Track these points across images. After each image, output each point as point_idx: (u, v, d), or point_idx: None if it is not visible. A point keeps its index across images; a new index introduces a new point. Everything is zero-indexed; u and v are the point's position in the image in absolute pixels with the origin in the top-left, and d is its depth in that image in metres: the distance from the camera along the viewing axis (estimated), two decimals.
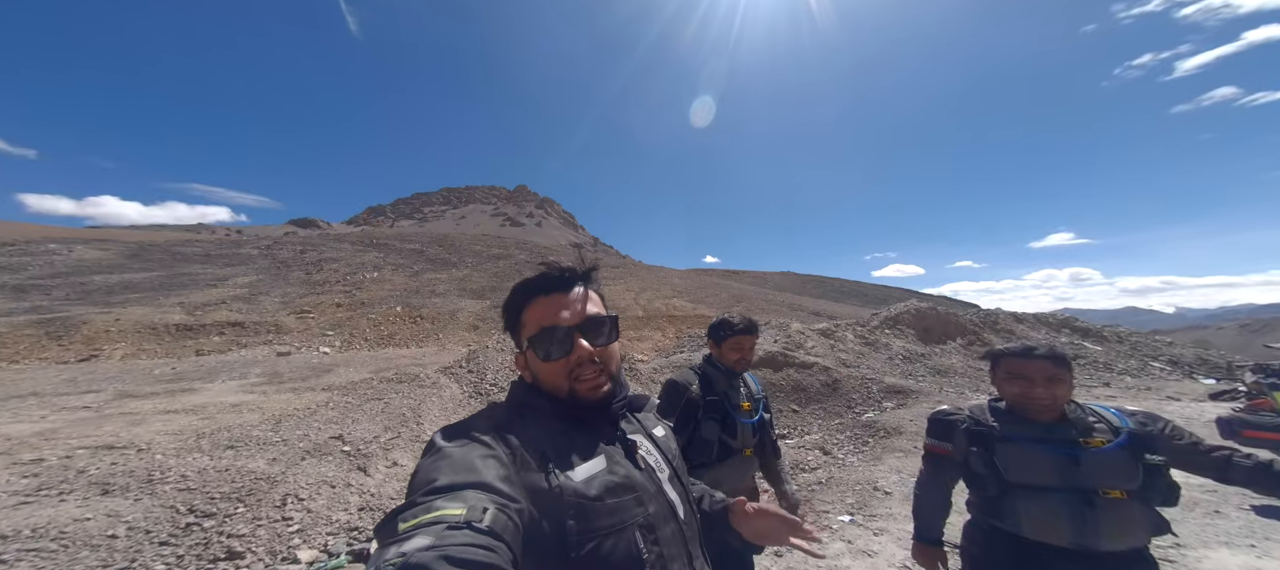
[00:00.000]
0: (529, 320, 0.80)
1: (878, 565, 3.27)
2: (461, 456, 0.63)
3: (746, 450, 1.81)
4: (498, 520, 0.54)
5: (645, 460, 0.79)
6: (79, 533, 2.72)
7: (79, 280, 18.87)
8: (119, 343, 12.95)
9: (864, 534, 3.74)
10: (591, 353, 0.77)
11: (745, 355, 1.86)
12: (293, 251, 25.98)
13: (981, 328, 12.12)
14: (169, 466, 3.82)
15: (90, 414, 5.72)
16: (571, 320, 0.78)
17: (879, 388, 8.20)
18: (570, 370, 0.77)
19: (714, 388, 1.81)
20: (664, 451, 0.86)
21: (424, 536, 0.48)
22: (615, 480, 0.71)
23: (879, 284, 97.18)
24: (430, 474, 0.60)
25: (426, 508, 0.53)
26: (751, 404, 1.86)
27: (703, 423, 1.75)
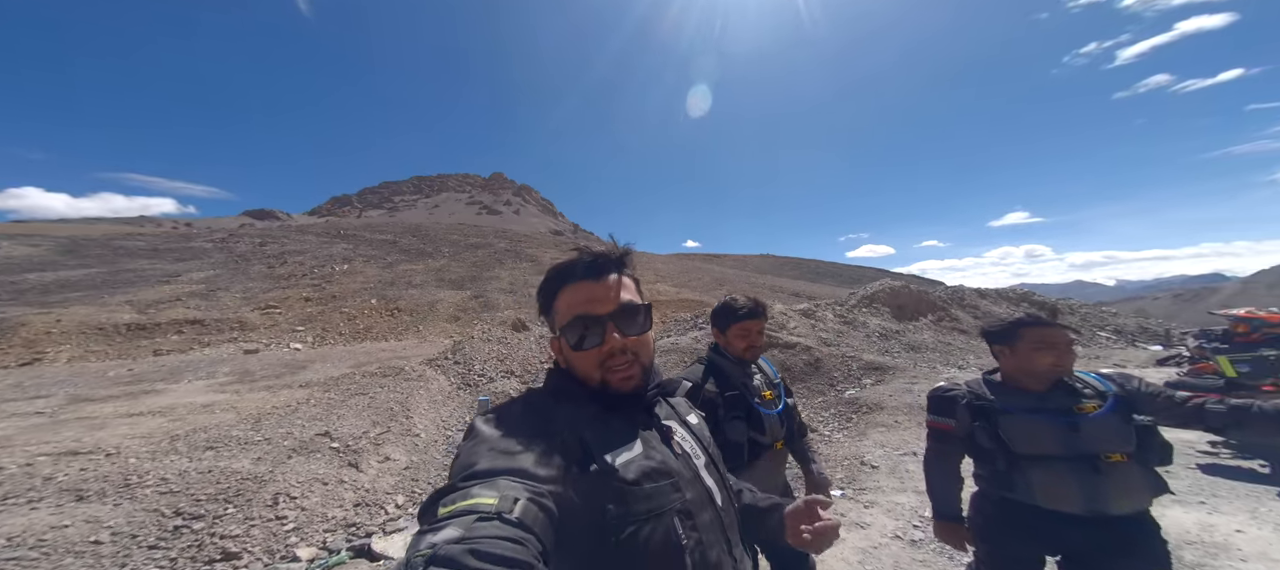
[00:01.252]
0: (562, 307, 0.79)
1: (871, 536, 3.42)
2: (500, 439, 0.63)
3: (778, 443, 1.64)
4: (528, 511, 0.54)
5: (681, 446, 0.79)
6: (59, 540, 2.56)
7: (9, 279, 17.23)
8: (63, 345, 11.98)
9: (855, 507, 3.92)
10: (623, 344, 0.76)
11: (753, 342, 1.67)
12: (251, 244, 24.48)
13: (949, 304, 12.79)
14: (145, 470, 3.62)
15: (44, 419, 5.31)
16: (604, 309, 0.77)
17: (859, 365, 8.57)
18: (602, 360, 0.76)
19: (731, 381, 1.64)
20: (699, 438, 0.86)
21: (455, 527, 0.50)
22: (652, 465, 0.71)
23: (853, 264, 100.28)
24: (470, 457, 0.61)
25: (463, 493, 0.54)
26: (773, 392, 1.69)
27: (727, 423, 1.56)
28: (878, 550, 3.22)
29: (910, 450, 5.26)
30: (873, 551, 3.20)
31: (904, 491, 4.20)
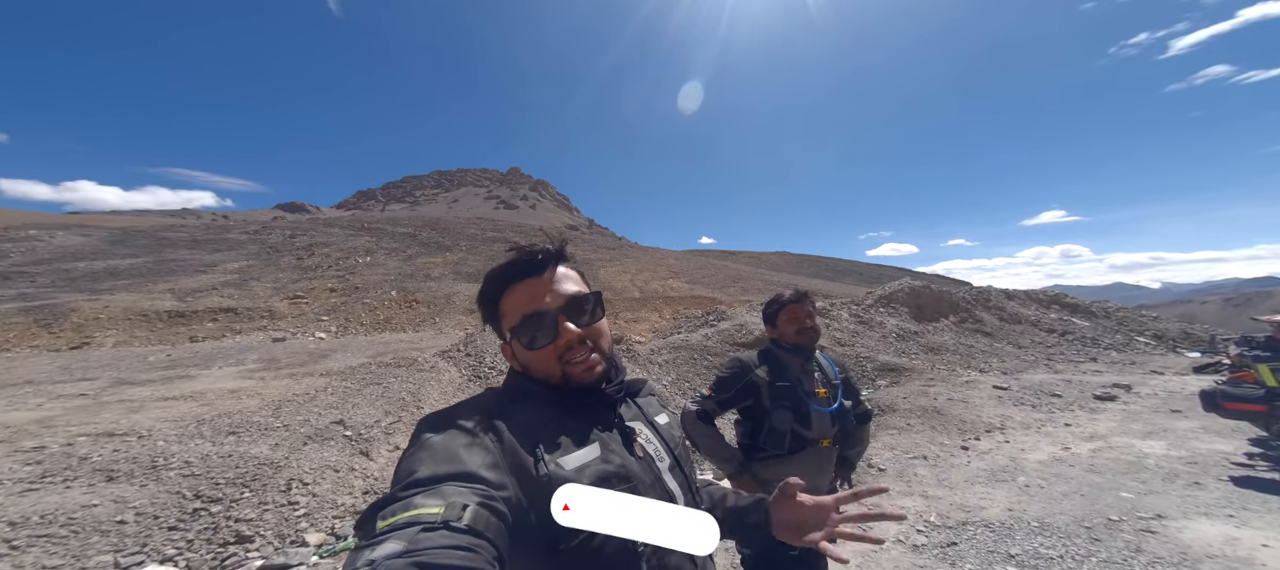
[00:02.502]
0: (508, 310, 0.77)
1: None
2: (444, 446, 0.60)
3: (824, 441, 1.65)
4: (479, 516, 0.52)
5: (644, 449, 0.77)
6: (87, 519, 2.74)
7: (63, 267, 18.50)
8: (110, 330, 12.81)
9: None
10: (579, 334, 0.74)
11: (804, 325, 1.71)
12: (282, 236, 25.56)
13: (974, 305, 12.30)
14: (172, 453, 3.83)
15: (87, 401, 5.70)
16: (552, 303, 0.75)
17: (873, 366, 8.35)
18: (560, 355, 0.74)
19: (785, 372, 1.68)
20: (666, 440, 0.83)
21: (396, 541, 0.47)
22: (609, 469, 0.69)
23: (873, 263, 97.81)
24: (411, 465, 0.58)
25: (404, 505, 0.51)
26: (828, 390, 1.71)
27: (774, 411, 1.63)
28: (879, 553, 3.17)
29: (920, 454, 5.12)
30: (872, 555, 3.15)
31: (911, 495, 4.12)
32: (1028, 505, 3.72)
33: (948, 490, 4.19)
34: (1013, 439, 5.44)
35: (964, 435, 5.77)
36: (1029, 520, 3.46)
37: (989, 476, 4.42)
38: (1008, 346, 10.51)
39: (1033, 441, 5.34)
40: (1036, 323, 11.97)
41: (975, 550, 3.13)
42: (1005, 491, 4.03)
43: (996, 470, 4.54)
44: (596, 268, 25.35)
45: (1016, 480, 4.25)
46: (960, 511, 3.73)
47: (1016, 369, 9.16)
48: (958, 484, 4.30)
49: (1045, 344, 10.78)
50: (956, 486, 4.25)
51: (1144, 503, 3.53)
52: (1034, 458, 4.80)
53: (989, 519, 3.54)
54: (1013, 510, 3.65)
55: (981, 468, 4.64)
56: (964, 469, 4.68)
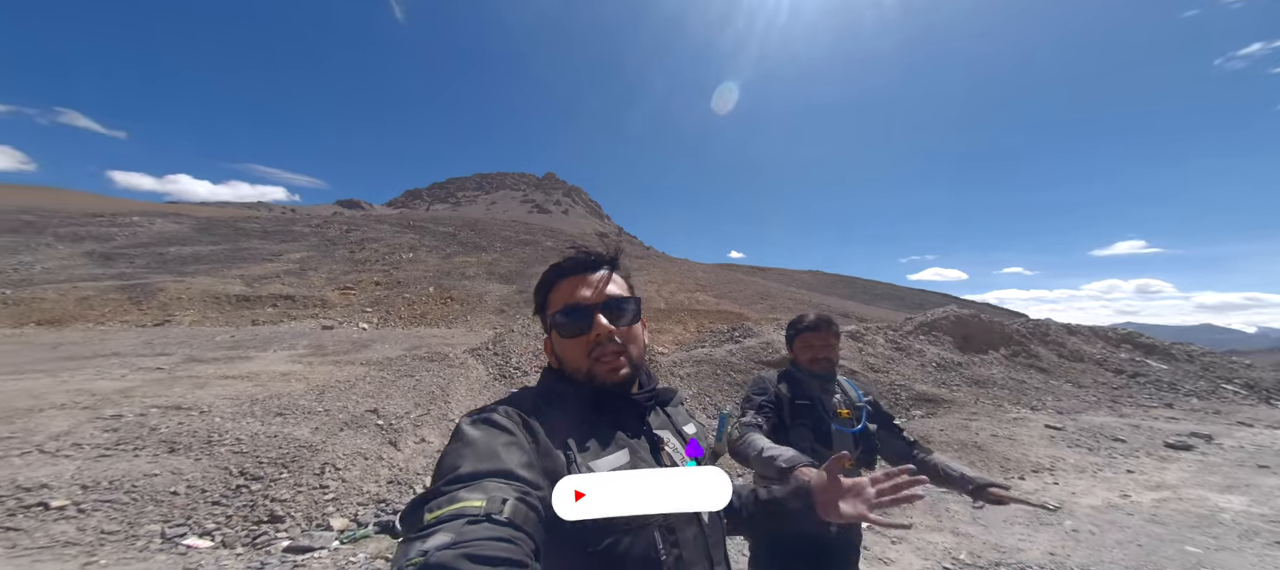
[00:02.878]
0: (554, 300, 0.82)
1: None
2: (485, 443, 0.63)
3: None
4: (517, 511, 0.54)
5: (671, 458, 0.79)
6: (147, 487, 3.06)
7: (158, 250, 20.87)
8: (189, 310, 14.28)
9: (880, 541, 3.69)
10: (610, 331, 0.77)
11: (818, 355, 1.72)
12: (339, 230, 27.60)
13: (1029, 338, 11.33)
14: (226, 429, 4.21)
15: (162, 375, 6.38)
16: (592, 299, 0.79)
17: (908, 395, 7.87)
18: (590, 349, 0.77)
19: (805, 391, 1.69)
20: None
21: (445, 533, 0.49)
22: None
23: (915, 288, 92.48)
24: (454, 461, 0.61)
25: (450, 498, 0.54)
26: (851, 411, 1.70)
27: (794, 429, 1.65)
28: None
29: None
30: None
31: (940, 531, 3.88)
32: (1073, 551, 3.44)
33: (982, 529, 3.90)
34: (1063, 482, 4.99)
35: (1007, 473, 5.35)
36: (1072, 567, 3.23)
37: (1031, 518, 4.09)
38: (1066, 385, 9.61)
39: (1086, 486, 4.87)
40: (1102, 362, 10.87)
41: None
42: (1048, 535, 3.73)
43: (1041, 512, 4.19)
44: (628, 271, 25.49)
45: (1063, 524, 3.92)
46: (994, 552, 3.49)
47: (1074, 409, 8.35)
48: (994, 524, 4.00)
49: (1111, 385, 9.76)
50: (993, 526, 3.95)
51: (1212, 559, 3.19)
52: (1086, 503, 4.39)
53: (1026, 561, 3.32)
54: (1055, 555, 3.39)
55: (1023, 509, 4.29)
56: (1003, 509, 4.34)
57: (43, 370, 6.52)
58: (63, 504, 2.83)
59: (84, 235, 21.43)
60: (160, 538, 2.63)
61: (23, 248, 18.57)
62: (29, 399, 4.99)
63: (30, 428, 4.05)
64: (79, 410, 4.62)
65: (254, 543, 2.73)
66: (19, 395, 5.11)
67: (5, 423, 4.19)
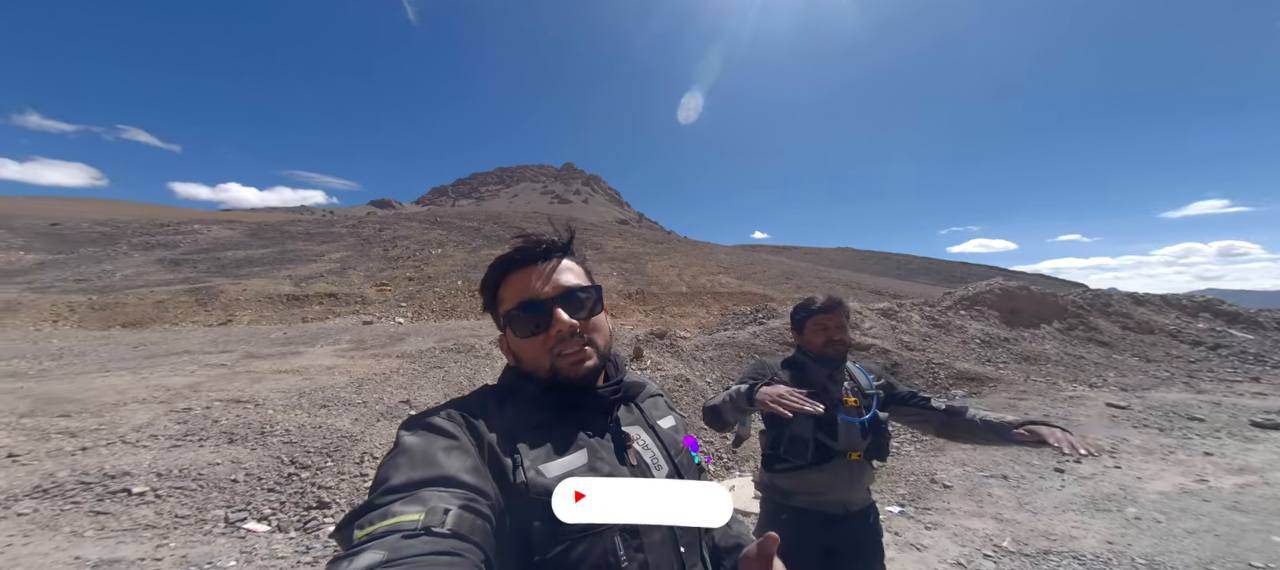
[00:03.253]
0: (506, 296, 0.76)
1: (927, 560, 3.09)
2: (422, 449, 0.59)
3: (852, 454, 1.58)
4: (462, 520, 0.51)
5: (639, 455, 0.74)
6: (211, 475, 3.35)
7: (216, 255, 22.62)
8: (246, 310, 15.47)
9: (913, 526, 3.55)
10: (571, 325, 0.72)
11: (832, 337, 1.65)
12: (373, 230, 28.91)
13: (1088, 310, 10.45)
14: (277, 421, 4.55)
15: (224, 371, 6.96)
16: (548, 292, 0.73)
17: (948, 373, 7.47)
18: (551, 346, 0.72)
19: (808, 378, 1.63)
20: (667, 446, 0.79)
21: (375, 551, 0.45)
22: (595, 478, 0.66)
23: (956, 260, 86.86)
24: (388, 471, 0.57)
25: (382, 513, 0.50)
26: (859, 400, 1.63)
27: (794, 419, 1.48)
28: None
29: (999, 474, 4.54)
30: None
31: (981, 516, 3.69)
32: (1136, 540, 3.18)
33: (1029, 515, 3.68)
34: (1127, 465, 4.61)
35: (1061, 456, 5.00)
36: (1134, 556, 2.98)
37: (1087, 504, 3.81)
38: (1131, 359, 8.82)
39: (1155, 469, 4.48)
40: (1176, 333, 9.89)
41: None
42: (1106, 522, 3.47)
43: (1099, 498, 3.90)
44: (644, 262, 25.49)
45: (1125, 511, 3.63)
46: (1043, 539, 3.27)
47: (1142, 386, 7.67)
48: (1043, 509, 3.76)
49: (1187, 358, 8.88)
50: (1042, 512, 3.72)
51: None
52: (1154, 487, 4.04)
53: (1079, 550, 3.09)
54: (1114, 544, 3.14)
55: (1078, 494, 4.00)
56: (1054, 493, 4.07)
57: (126, 368, 7.24)
58: (143, 490, 3.15)
59: (154, 244, 23.51)
60: (224, 522, 2.88)
61: (104, 257, 20.61)
62: (115, 394, 5.56)
63: (116, 420, 4.52)
64: (156, 404, 5.11)
65: (304, 527, 2.95)
66: (107, 391, 5.71)
67: (96, 416, 4.69)
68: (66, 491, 3.07)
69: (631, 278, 21.81)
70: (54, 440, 3.94)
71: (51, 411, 4.78)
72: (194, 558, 2.31)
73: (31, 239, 21.95)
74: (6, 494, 3.01)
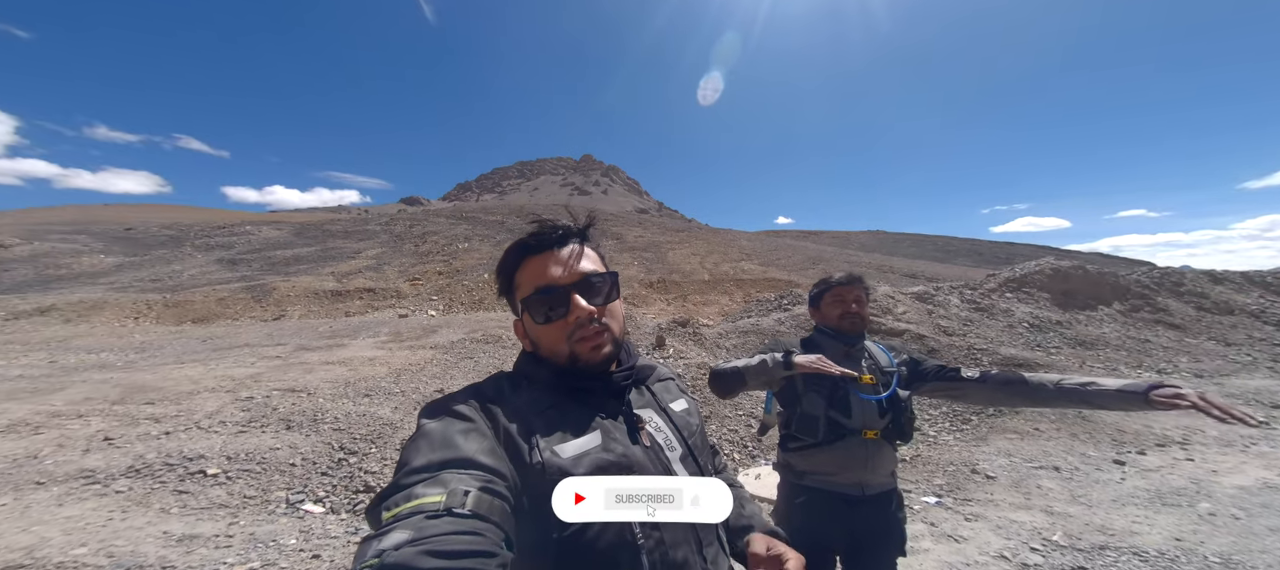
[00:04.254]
0: (522, 282, 0.77)
1: (965, 552, 2.96)
2: (440, 433, 0.61)
3: (867, 432, 1.54)
4: (481, 501, 0.52)
5: (652, 437, 0.75)
6: (273, 459, 3.65)
7: (267, 255, 24.26)
8: (297, 305, 16.57)
9: (952, 518, 3.41)
10: (590, 311, 0.73)
11: (850, 310, 1.63)
12: (405, 226, 30.11)
13: (1155, 290, 9.57)
14: (327, 409, 4.87)
15: (280, 362, 7.50)
16: (566, 279, 0.74)
17: (991, 360, 7.07)
18: (569, 332, 0.73)
19: (823, 355, 1.58)
20: (680, 428, 0.80)
21: (402, 530, 0.47)
22: (608, 459, 0.67)
23: (1001, 240, 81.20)
24: (409, 454, 0.59)
25: (406, 494, 0.52)
26: (876, 377, 1.60)
27: (805, 395, 1.56)
28: (971, 569, 2.76)
29: (1050, 464, 4.29)
30: (964, 568, 2.75)
31: (1029, 509, 3.50)
32: (1208, 538, 2.94)
33: (1084, 508, 3.46)
34: (1201, 458, 4.25)
35: (1121, 447, 4.66)
36: (1205, 554, 2.75)
37: (1152, 498, 3.54)
38: (1208, 343, 8.04)
39: (1233, 462, 4.11)
40: (1260, 314, 8.93)
41: None
42: (1174, 518, 3.22)
43: (1166, 492, 3.61)
44: (665, 250, 25.32)
45: (1197, 507, 3.35)
46: (1099, 534, 3.08)
47: (1219, 372, 7.00)
48: (1100, 503, 3.53)
49: (1271, 341, 8.01)
50: (1098, 505, 3.49)
51: None
52: (1231, 482, 3.71)
53: (1141, 547, 2.88)
54: (1182, 541, 2.91)
55: (1142, 487, 3.73)
56: (1113, 486, 3.81)
57: (197, 360, 7.95)
58: (216, 472, 3.47)
59: (213, 245, 25.46)
60: (285, 503, 3.14)
61: (172, 258, 22.52)
62: (189, 384, 6.12)
63: (190, 408, 4.98)
64: (223, 393, 5.59)
65: (354, 509, 3.17)
66: (183, 381, 6.29)
67: (174, 404, 5.19)
68: (154, 472, 3.43)
69: (653, 266, 21.77)
70: (141, 425, 4.39)
71: (138, 399, 5.33)
72: (260, 535, 2.54)
73: (109, 243, 24.26)
74: (106, 473, 3.39)
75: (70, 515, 2.71)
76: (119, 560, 2.19)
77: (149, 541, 2.40)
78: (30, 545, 2.30)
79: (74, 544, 2.32)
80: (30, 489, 3.08)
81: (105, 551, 2.26)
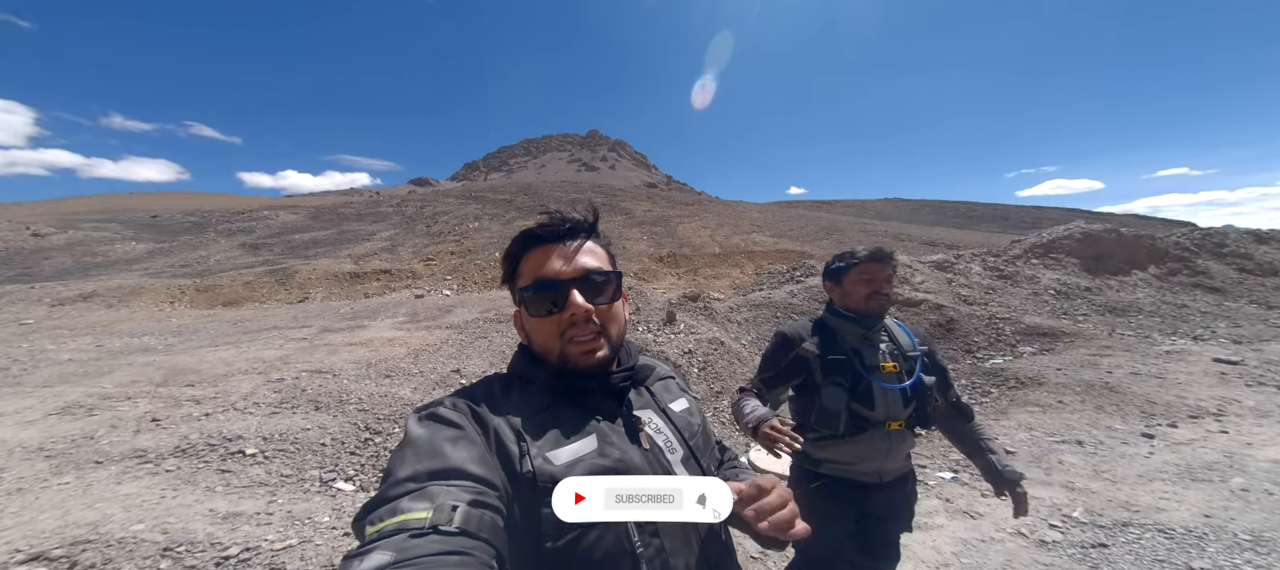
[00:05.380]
0: (525, 271, 0.76)
1: (981, 528, 2.96)
2: (428, 440, 0.59)
3: (891, 423, 1.46)
4: (470, 517, 0.50)
5: (651, 439, 0.73)
6: (305, 439, 3.83)
7: (286, 238, 24.84)
8: (319, 287, 17.05)
9: (968, 493, 3.40)
10: (587, 310, 0.71)
11: (879, 288, 1.49)
12: (416, 207, 30.30)
13: (1195, 252, 9.06)
14: (352, 390, 5.06)
15: (305, 344, 7.79)
16: (567, 273, 0.72)
17: (1014, 329, 6.87)
18: (562, 329, 0.71)
19: (839, 343, 1.49)
20: (680, 429, 0.78)
21: (383, 552, 0.45)
22: (605, 463, 0.65)
23: (1027, 204, 77.49)
24: (395, 464, 0.57)
25: (391, 509, 0.50)
26: (898, 363, 1.49)
27: (825, 388, 1.46)
28: (986, 545, 2.77)
29: (1072, 438, 4.22)
30: (979, 544, 2.76)
31: (1049, 485, 3.47)
32: (1240, 514, 2.86)
33: (1107, 484, 3.41)
34: (1235, 430, 4.11)
35: (1150, 419, 4.54)
36: (1235, 531, 2.68)
37: (1181, 473, 3.46)
38: (1249, 307, 7.65)
39: (1270, 434, 3.97)
40: None
41: (1134, 557, 2.54)
42: (1204, 493, 3.13)
43: (1197, 466, 3.52)
44: (674, 224, 24.98)
45: (1229, 482, 3.25)
46: (1122, 510, 3.02)
47: (1259, 337, 6.68)
48: (1125, 478, 3.46)
49: None
50: (1123, 481, 3.43)
51: None
52: (1267, 455, 3.60)
53: (1167, 523, 2.82)
54: (1211, 518, 2.84)
55: (1171, 461, 3.64)
56: (1140, 460, 3.73)
57: (229, 343, 8.30)
58: (254, 452, 3.67)
59: (235, 230, 26.15)
60: (318, 482, 3.31)
61: (198, 244, 23.27)
62: (224, 366, 6.42)
63: (227, 390, 5.23)
64: (256, 375, 5.85)
65: None
66: (217, 364, 6.59)
67: (212, 385, 5.46)
68: (199, 452, 3.64)
69: (662, 241, 21.56)
70: (184, 407, 4.64)
71: (179, 381, 5.62)
72: (297, 513, 2.69)
73: (139, 230, 25.13)
74: (156, 453, 3.62)
75: (128, 493, 2.92)
76: (173, 537, 2.35)
77: (197, 519, 2.56)
78: (95, 521, 2.49)
79: (133, 520, 2.51)
80: (90, 468, 3.32)
81: (160, 528, 2.43)
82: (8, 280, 16.37)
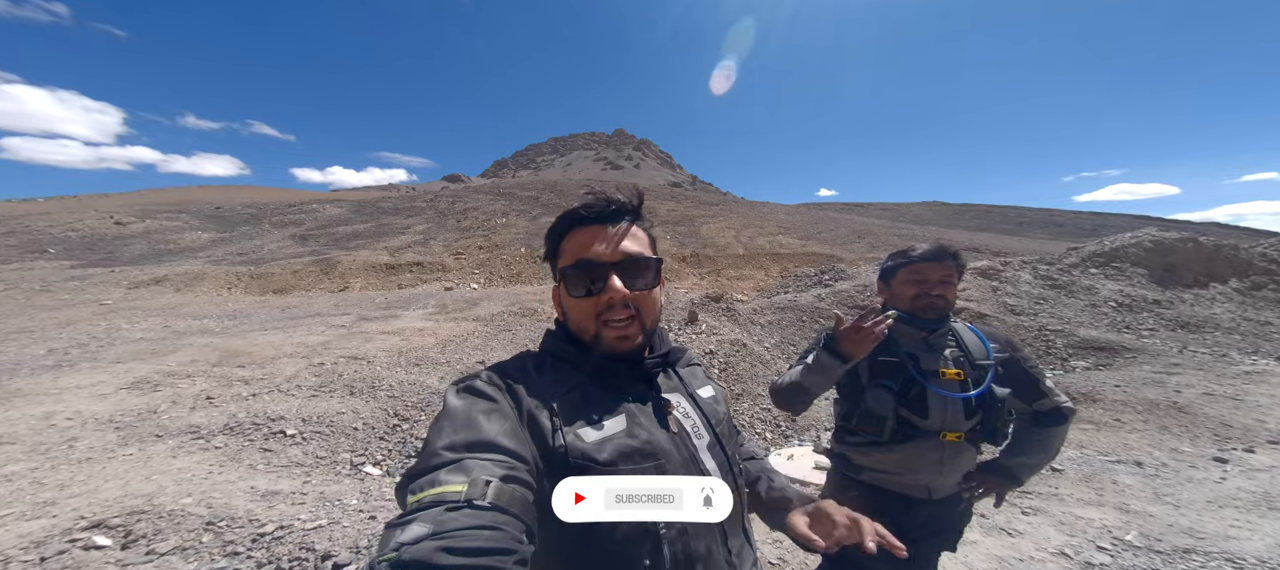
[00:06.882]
0: (566, 250, 0.76)
1: (1019, 547, 2.77)
2: (464, 412, 0.61)
3: (950, 434, 1.32)
4: (501, 493, 0.52)
5: (680, 423, 0.73)
6: (340, 423, 4.04)
7: (331, 231, 26.36)
8: (358, 278, 18.01)
9: (1006, 510, 3.19)
10: (624, 295, 0.71)
11: (930, 289, 1.36)
12: (448, 203, 31.42)
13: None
14: (383, 377, 5.31)
15: (344, 331, 8.24)
16: (608, 256, 0.73)
17: (1068, 342, 6.37)
18: (599, 311, 0.72)
19: (894, 345, 1.36)
20: (708, 415, 0.79)
21: (422, 523, 0.48)
22: (634, 444, 0.66)
23: (1085, 210, 71.07)
24: (433, 434, 0.60)
25: (430, 480, 0.53)
26: (962, 371, 1.34)
27: (870, 389, 1.35)
28: (1025, 564, 2.59)
29: (1131, 459, 3.89)
30: (1017, 564, 2.58)
31: (1100, 506, 3.21)
32: None
33: (1169, 509, 3.11)
34: None
35: (1223, 443, 4.12)
36: None
37: (1257, 501, 3.12)
38: None
39: None
40: None
41: None
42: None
43: (1276, 495, 3.18)
44: (698, 224, 24.68)
45: None
46: (1185, 536, 2.76)
47: None
48: (1191, 504, 3.15)
49: None
50: (1188, 506, 3.12)
51: None
52: None
53: (1237, 553, 2.56)
54: None
55: (1246, 488, 3.29)
56: (1209, 486, 3.39)
57: (278, 328, 8.90)
58: (293, 433, 3.91)
59: (286, 222, 27.99)
60: (349, 465, 3.49)
61: (254, 235, 25.07)
62: (271, 350, 6.88)
63: (273, 372, 5.61)
64: (299, 359, 6.24)
65: None
66: (266, 347, 7.08)
67: (260, 367, 5.87)
68: (245, 430, 3.92)
69: (685, 240, 21.38)
70: (234, 387, 5.01)
71: (232, 363, 6.08)
72: (329, 494, 2.84)
73: (204, 221, 27.34)
74: (207, 429, 3.92)
75: (181, 467, 3.18)
76: (216, 511, 2.54)
77: (239, 495, 2.76)
78: (150, 493, 2.72)
79: (183, 494, 2.72)
80: (151, 441, 3.64)
81: (206, 502, 2.63)
82: (93, 263, 18.22)
